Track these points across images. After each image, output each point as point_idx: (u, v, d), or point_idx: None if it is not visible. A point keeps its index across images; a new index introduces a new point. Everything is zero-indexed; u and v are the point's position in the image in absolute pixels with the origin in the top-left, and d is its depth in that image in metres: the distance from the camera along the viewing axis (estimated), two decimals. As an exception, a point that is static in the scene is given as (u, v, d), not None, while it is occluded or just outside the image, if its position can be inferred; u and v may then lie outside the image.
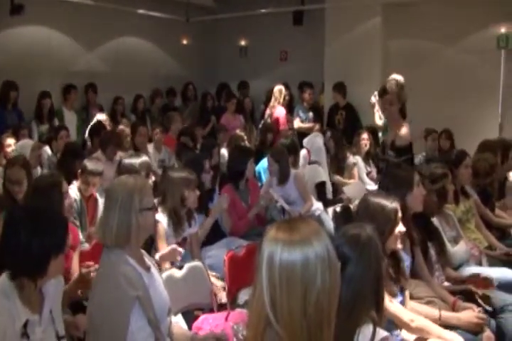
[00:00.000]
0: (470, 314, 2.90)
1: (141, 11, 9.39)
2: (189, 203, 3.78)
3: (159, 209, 3.67)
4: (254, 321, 1.49)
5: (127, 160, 4.27)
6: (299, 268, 1.42)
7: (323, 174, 5.98)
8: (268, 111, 8.44)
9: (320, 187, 5.82)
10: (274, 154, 5.25)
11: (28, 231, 2.06)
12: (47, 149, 6.14)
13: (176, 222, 3.71)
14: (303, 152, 6.37)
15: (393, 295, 2.61)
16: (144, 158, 4.34)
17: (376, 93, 7.05)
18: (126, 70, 9.43)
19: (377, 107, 7.04)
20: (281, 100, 8.25)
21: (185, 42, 10.75)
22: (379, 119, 6.98)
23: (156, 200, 3.31)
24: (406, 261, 2.76)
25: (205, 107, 9.71)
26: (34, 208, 2.24)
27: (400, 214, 2.62)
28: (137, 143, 6.45)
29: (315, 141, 6.58)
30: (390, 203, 2.61)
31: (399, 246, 2.64)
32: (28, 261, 2.06)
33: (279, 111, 8.25)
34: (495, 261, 4.05)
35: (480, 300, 3.14)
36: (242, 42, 11.01)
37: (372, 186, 5.83)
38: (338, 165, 6.41)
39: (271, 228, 1.52)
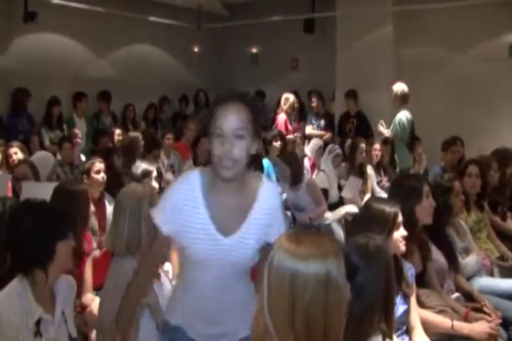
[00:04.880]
0: (483, 325, 2.88)
1: (152, 19, 9.44)
2: None
3: None
4: (256, 328, 1.55)
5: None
6: (287, 279, 1.46)
7: (325, 181, 5.97)
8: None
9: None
10: (285, 158, 5.26)
11: (30, 221, 2.15)
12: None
13: None
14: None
15: None
16: (147, 166, 4.45)
17: (382, 121, 6.98)
18: (137, 77, 9.47)
19: (385, 132, 6.93)
20: (286, 108, 8.20)
21: (196, 49, 10.80)
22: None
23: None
24: (410, 269, 2.73)
25: (216, 114, 9.71)
26: (36, 201, 2.29)
27: (400, 219, 2.60)
28: (153, 154, 6.31)
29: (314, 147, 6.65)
30: (390, 207, 2.60)
31: (401, 249, 2.62)
32: (34, 246, 2.12)
33: (279, 118, 8.24)
34: (507, 272, 4.01)
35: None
36: (253, 50, 11.03)
37: (383, 195, 5.80)
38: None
39: (283, 236, 1.57)
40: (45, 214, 2.20)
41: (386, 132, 6.91)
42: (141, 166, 4.37)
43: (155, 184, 4.39)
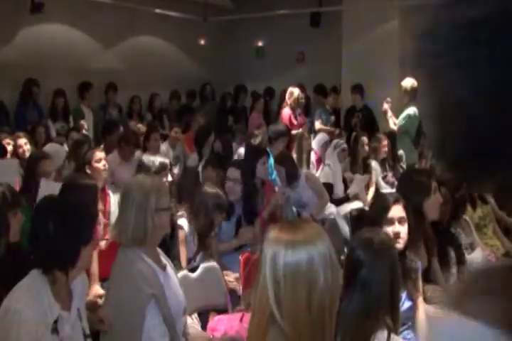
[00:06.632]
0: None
1: (158, 11, 9.41)
2: (215, 225, 3.85)
3: (183, 215, 3.73)
4: (257, 318, 1.53)
5: (151, 158, 4.44)
6: (304, 267, 1.46)
7: (330, 175, 5.97)
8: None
9: (326, 188, 5.81)
10: (278, 159, 5.32)
11: (57, 222, 2.08)
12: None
13: (202, 239, 3.74)
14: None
15: None
16: (163, 159, 4.48)
17: (389, 99, 6.98)
18: (143, 69, 9.46)
19: (390, 113, 6.95)
20: (290, 102, 8.11)
21: (202, 42, 10.77)
22: (393, 125, 6.91)
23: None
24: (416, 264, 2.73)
25: (224, 107, 9.73)
26: (61, 200, 2.26)
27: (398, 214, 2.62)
28: (150, 146, 6.21)
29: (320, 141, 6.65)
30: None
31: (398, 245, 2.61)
32: (59, 251, 2.08)
33: (283, 113, 8.19)
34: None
35: None
36: (259, 43, 11.00)
37: (388, 190, 5.79)
38: None
39: (273, 228, 1.55)
40: (69, 218, 2.12)
41: (388, 108, 6.92)
42: (157, 159, 4.38)
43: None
